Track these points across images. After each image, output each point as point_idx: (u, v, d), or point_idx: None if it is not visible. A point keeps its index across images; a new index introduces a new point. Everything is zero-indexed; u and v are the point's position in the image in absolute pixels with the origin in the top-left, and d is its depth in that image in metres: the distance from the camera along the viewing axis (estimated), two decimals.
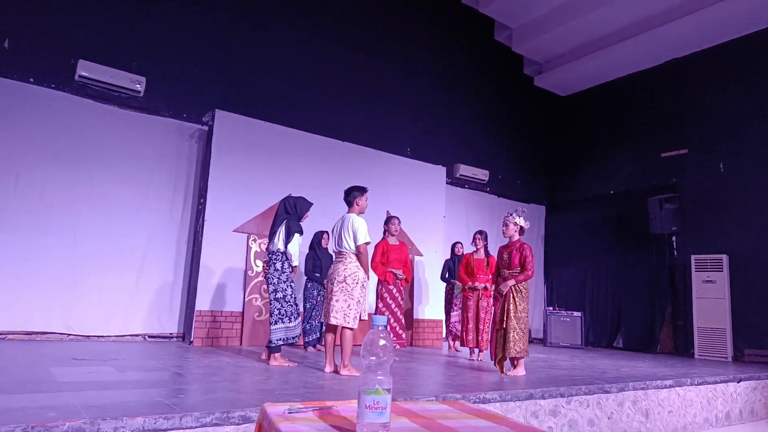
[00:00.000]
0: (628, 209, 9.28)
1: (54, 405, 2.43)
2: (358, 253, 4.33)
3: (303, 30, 7.88)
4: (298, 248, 4.72)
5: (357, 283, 4.30)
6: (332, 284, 4.35)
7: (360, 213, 4.51)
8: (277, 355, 4.63)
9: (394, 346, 5.77)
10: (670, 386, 4.60)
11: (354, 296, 4.27)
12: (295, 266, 4.75)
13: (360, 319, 4.33)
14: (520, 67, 10.61)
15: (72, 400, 2.58)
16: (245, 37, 7.37)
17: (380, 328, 1.16)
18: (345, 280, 4.29)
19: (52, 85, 6.00)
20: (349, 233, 4.34)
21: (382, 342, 1.14)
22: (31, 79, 5.89)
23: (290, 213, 4.82)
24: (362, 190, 4.55)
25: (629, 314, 9.09)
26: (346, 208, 4.62)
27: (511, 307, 4.62)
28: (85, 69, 6.04)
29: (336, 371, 4.30)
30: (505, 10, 9.37)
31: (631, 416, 4.20)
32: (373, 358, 1.12)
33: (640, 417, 4.26)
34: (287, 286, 4.62)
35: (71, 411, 2.30)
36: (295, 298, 4.69)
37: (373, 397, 1.09)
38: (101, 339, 6.00)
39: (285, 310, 4.61)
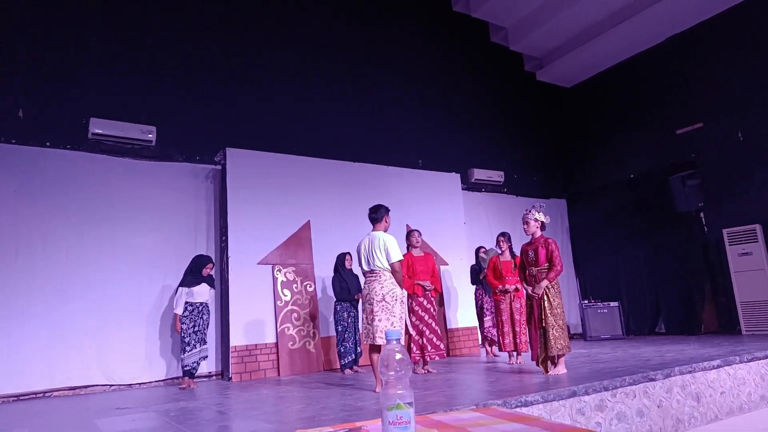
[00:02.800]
0: (651, 191, 9.10)
1: None
2: (393, 271, 4.33)
3: (304, 58, 8.01)
4: (180, 299, 5.79)
5: (396, 300, 4.30)
6: (371, 305, 4.33)
7: (385, 231, 4.54)
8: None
9: (433, 358, 5.71)
10: (719, 366, 4.46)
11: (396, 313, 4.28)
12: (176, 313, 5.76)
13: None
14: (520, 64, 10.58)
15: None
16: (248, 71, 7.52)
17: (395, 342, 1.16)
18: (384, 299, 4.28)
19: (68, 146, 6.20)
20: (380, 251, 4.34)
21: (398, 356, 1.13)
22: (48, 143, 6.10)
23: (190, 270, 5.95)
24: (387, 209, 4.62)
25: (668, 297, 8.85)
26: (366, 227, 4.64)
27: (546, 304, 4.54)
28: (97, 126, 6.23)
29: None
30: (496, 11, 9.38)
31: (681, 402, 4.08)
32: (392, 373, 1.12)
33: (691, 402, 4.13)
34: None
35: None
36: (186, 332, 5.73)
37: (396, 412, 1.08)
38: (143, 386, 6.08)
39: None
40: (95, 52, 6.54)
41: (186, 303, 5.80)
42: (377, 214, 4.56)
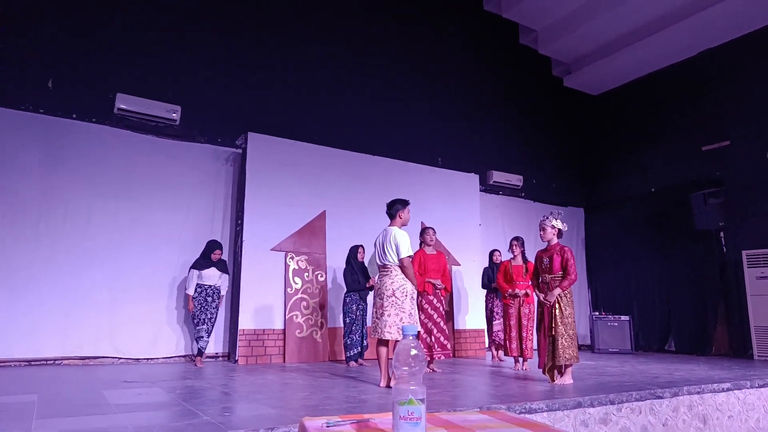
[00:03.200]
0: (671, 206, 8.97)
1: (106, 427, 2.50)
2: (402, 267, 4.32)
3: (329, 48, 8.01)
4: (192, 280, 6.03)
5: (406, 296, 4.30)
6: (381, 299, 4.33)
7: (402, 225, 4.51)
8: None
9: (439, 357, 5.71)
10: (728, 389, 4.39)
11: (405, 309, 4.27)
12: (188, 293, 6.01)
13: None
14: (548, 69, 10.48)
15: (123, 421, 2.66)
16: (273, 59, 7.54)
17: (411, 338, 1.16)
18: (394, 294, 4.28)
19: (93, 120, 6.28)
20: (391, 246, 4.34)
21: (413, 352, 1.13)
22: (74, 115, 6.18)
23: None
24: (404, 203, 4.56)
25: (680, 316, 8.74)
26: (380, 221, 4.64)
27: (557, 313, 4.49)
28: (124, 102, 6.30)
29: (389, 385, 4.28)
30: (528, 13, 9.30)
31: (687, 422, 4.03)
32: (405, 368, 1.12)
33: (697, 423, 4.08)
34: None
35: None
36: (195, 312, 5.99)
37: (407, 407, 1.08)
38: (150, 362, 6.17)
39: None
40: (126, 29, 6.60)
41: (196, 285, 6.00)
42: (392, 210, 4.55)
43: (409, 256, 4.33)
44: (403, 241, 4.32)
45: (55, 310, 5.73)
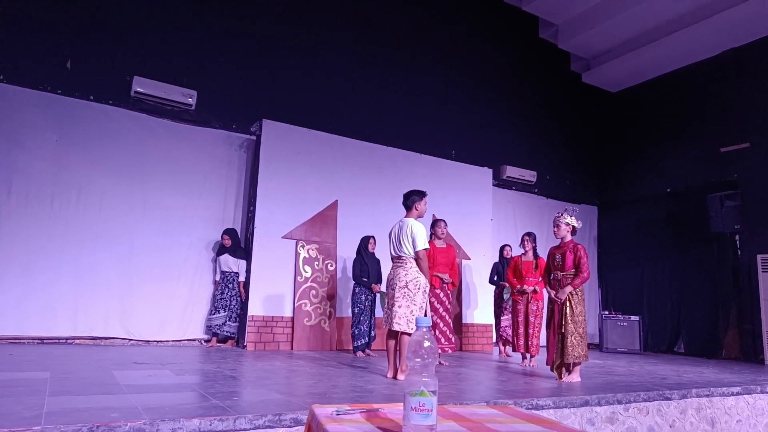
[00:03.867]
0: (686, 207, 8.86)
1: (117, 406, 2.54)
2: (418, 259, 4.29)
3: (346, 37, 7.98)
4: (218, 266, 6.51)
5: (419, 288, 4.27)
6: (393, 290, 4.32)
7: (418, 217, 4.47)
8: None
9: (445, 350, 5.72)
10: (738, 393, 4.35)
11: (416, 302, 4.24)
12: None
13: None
14: (567, 63, 10.36)
15: (133, 401, 2.69)
16: (289, 47, 7.52)
17: (424, 330, 1.15)
18: (407, 286, 4.26)
19: (110, 102, 6.32)
20: (407, 238, 4.30)
21: (426, 343, 1.12)
22: (91, 97, 6.22)
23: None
24: (421, 195, 4.52)
25: (690, 318, 8.66)
26: (392, 212, 4.63)
27: (568, 310, 4.47)
28: (140, 85, 6.33)
29: (395, 376, 4.29)
30: (549, 6, 9.18)
31: (695, 425, 4.00)
32: (418, 359, 1.11)
33: (705, 426, 4.05)
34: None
35: (133, 412, 2.40)
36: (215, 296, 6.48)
37: (419, 399, 1.08)
38: (160, 344, 6.24)
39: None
40: (144, 12, 6.61)
41: (221, 271, 6.51)
42: (408, 201, 4.50)
43: (425, 249, 4.30)
44: (420, 234, 4.29)
45: (67, 290, 5.81)
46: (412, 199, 4.49)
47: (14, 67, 5.85)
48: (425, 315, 4.36)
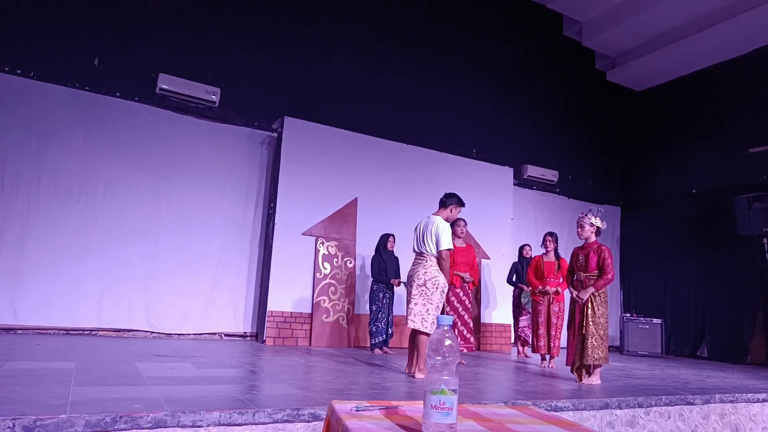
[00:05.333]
0: (712, 209, 8.68)
1: (139, 397, 2.58)
2: (440, 258, 4.22)
3: (367, 35, 7.98)
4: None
5: (437, 288, 4.20)
6: (411, 287, 4.28)
7: (446, 219, 4.40)
8: None
9: (462, 350, 5.70)
10: (764, 400, 4.25)
11: (433, 301, 4.18)
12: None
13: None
14: (591, 62, 10.21)
15: (155, 393, 2.74)
16: (312, 45, 7.56)
17: (446, 328, 1.15)
18: (425, 284, 4.20)
19: (136, 99, 6.42)
20: (431, 236, 4.24)
21: (447, 342, 1.12)
22: (117, 93, 6.34)
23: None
24: (460, 203, 4.47)
25: (715, 322, 8.48)
26: (411, 211, 4.62)
27: (589, 312, 4.39)
28: (165, 82, 6.42)
29: (413, 374, 4.27)
30: (574, 3, 9.06)
31: (718, 431, 3.92)
32: (439, 358, 1.11)
33: None
34: None
35: (154, 404, 2.44)
36: None
37: (439, 397, 1.08)
38: (181, 337, 6.33)
39: None
40: (170, 10, 6.71)
41: None
42: (447, 200, 4.43)
43: (448, 249, 4.23)
44: (446, 232, 4.22)
45: (92, 282, 5.94)
46: (451, 200, 4.42)
47: (43, 64, 5.99)
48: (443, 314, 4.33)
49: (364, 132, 7.40)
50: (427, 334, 4.20)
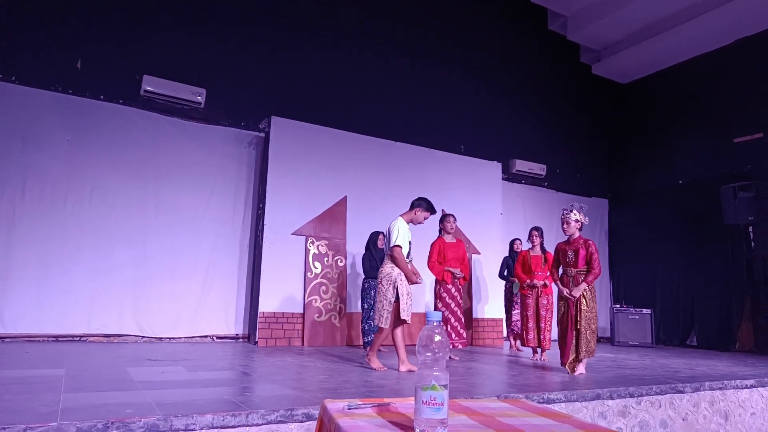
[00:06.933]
0: (699, 199, 8.78)
1: (131, 402, 2.57)
2: (391, 255, 4.41)
3: (353, 33, 7.96)
4: None
5: (390, 283, 4.39)
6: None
7: (410, 221, 4.55)
8: None
9: (456, 346, 5.72)
10: (752, 386, 4.31)
11: (387, 297, 4.37)
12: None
13: (403, 318, 4.38)
14: (576, 55, 10.27)
15: (147, 398, 2.72)
16: (298, 44, 7.53)
17: (435, 324, 1.15)
18: (381, 282, 4.44)
19: (120, 101, 6.36)
20: (387, 234, 4.48)
21: (437, 338, 1.13)
22: (102, 96, 6.27)
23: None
24: (430, 209, 4.58)
25: (703, 311, 8.58)
26: (401, 208, 4.66)
27: (583, 307, 4.49)
28: (150, 84, 6.37)
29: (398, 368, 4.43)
30: None
31: (708, 418, 3.97)
32: (429, 354, 1.12)
33: (718, 419, 4.02)
34: None
35: (146, 408, 2.43)
36: None
37: (430, 393, 1.08)
38: (172, 341, 6.29)
39: None
40: (153, 11, 6.65)
41: None
42: (414, 202, 4.61)
43: (398, 246, 4.36)
44: (397, 230, 4.39)
45: (81, 288, 5.88)
46: (417, 203, 4.59)
47: (26, 68, 5.91)
48: (396, 307, 4.40)
49: (352, 130, 7.39)
50: (382, 328, 4.40)
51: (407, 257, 4.48)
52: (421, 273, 4.74)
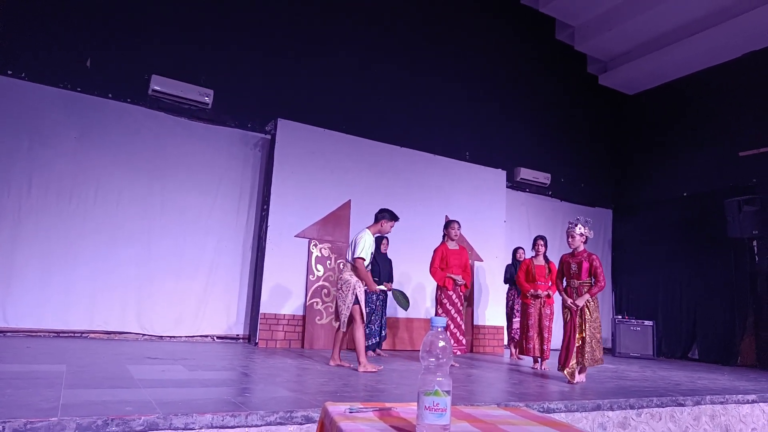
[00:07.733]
0: (703, 212, 8.75)
1: (131, 400, 2.57)
2: (354, 266, 4.67)
3: (361, 38, 8.00)
4: None
5: (349, 289, 4.69)
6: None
7: (377, 233, 4.85)
8: None
9: (455, 352, 5.71)
10: (753, 401, 4.29)
11: (346, 302, 4.68)
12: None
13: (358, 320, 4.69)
14: (583, 66, 10.28)
15: (147, 396, 2.73)
16: (305, 47, 7.56)
17: (439, 330, 1.16)
18: (341, 288, 4.74)
19: (128, 100, 6.40)
20: (352, 245, 4.72)
21: (441, 343, 1.13)
22: (110, 95, 6.31)
23: None
24: (393, 217, 4.88)
25: (706, 324, 8.54)
26: (405, 213, 4.73)
27: (587, 316, 4.59)
28: (158, 84, 6.40)
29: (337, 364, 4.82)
30: (566, 8, 9.12)
31: None
32: (433, 359, 1.12)
33: None
34: None
35: (146, 406, 2.43)
36: None
37: (433, 398, 1.08)
38: (173, 339, 6.30)
39: None
40: (163, 11, 6.69)
41: None
42: (378, 214, 4.90)
43: (362, 258, 4.63)
44: (363, 244, 4.64)
45: (83, 284, 5.89)
46: (381, 215, 4.87)
47: (35, 65, 5.95)
48: (352, 312, 4.70)
49: (358, 134, 7.41)
50: (338, 329, 4.83)
51: (366, 267, 4.77)
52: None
